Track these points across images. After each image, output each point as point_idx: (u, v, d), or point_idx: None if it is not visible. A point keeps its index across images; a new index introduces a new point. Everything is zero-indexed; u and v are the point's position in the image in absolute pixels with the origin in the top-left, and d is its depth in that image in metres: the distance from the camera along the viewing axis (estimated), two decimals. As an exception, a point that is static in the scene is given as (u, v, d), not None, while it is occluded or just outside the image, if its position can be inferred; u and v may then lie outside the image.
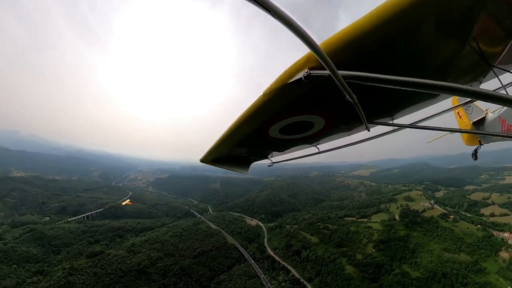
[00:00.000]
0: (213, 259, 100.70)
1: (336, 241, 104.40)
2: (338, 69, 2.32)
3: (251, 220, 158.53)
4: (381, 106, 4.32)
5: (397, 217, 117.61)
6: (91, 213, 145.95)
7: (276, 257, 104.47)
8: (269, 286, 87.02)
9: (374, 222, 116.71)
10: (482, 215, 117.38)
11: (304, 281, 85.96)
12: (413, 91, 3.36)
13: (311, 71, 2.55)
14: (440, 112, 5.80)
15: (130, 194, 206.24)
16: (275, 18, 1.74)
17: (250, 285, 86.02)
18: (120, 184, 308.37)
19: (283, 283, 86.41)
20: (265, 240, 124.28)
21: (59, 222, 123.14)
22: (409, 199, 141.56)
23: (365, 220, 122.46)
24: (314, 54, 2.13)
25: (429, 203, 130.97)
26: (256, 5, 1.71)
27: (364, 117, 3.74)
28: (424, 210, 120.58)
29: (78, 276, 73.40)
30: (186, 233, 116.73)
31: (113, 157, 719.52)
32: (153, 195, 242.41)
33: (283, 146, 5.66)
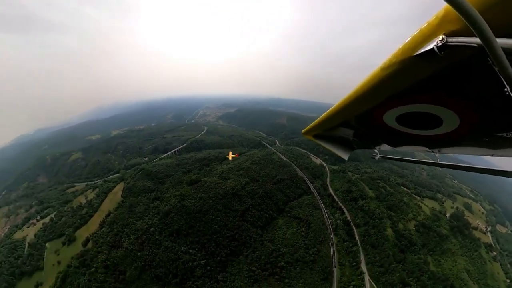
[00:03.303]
0: (287, 187, 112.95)
1: (388, 203, 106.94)
2: (497, 37, 1.46)
3: (316, 158, 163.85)
4: None
5: (447, 215, 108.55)
6: (177, 149, 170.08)
7: (336, 197, 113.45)
8: (327, 217, 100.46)
9: (425, 205, 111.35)
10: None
11: (353, 226, 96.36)
12: None
13: (448, 39, 1.73)
14: None
15: (205, 129, 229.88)
16: None
17: (315, 214, 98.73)
18: (193, 121, 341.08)
19: (338, 221, 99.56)
20: (328, 180, 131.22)
21: (156, 160, 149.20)
22: (468, 207, 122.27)
23: (418, 198, 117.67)
24: (456, 11, 1.39)
25: (485, 227, 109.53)
26: None
27: None
28: (476, 228, 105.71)
29: (189, 200, 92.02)
30: (263, 162, 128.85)
31: (179, 99, 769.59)
32: (225, 128, 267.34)
33: (397, 139, 4.36)
